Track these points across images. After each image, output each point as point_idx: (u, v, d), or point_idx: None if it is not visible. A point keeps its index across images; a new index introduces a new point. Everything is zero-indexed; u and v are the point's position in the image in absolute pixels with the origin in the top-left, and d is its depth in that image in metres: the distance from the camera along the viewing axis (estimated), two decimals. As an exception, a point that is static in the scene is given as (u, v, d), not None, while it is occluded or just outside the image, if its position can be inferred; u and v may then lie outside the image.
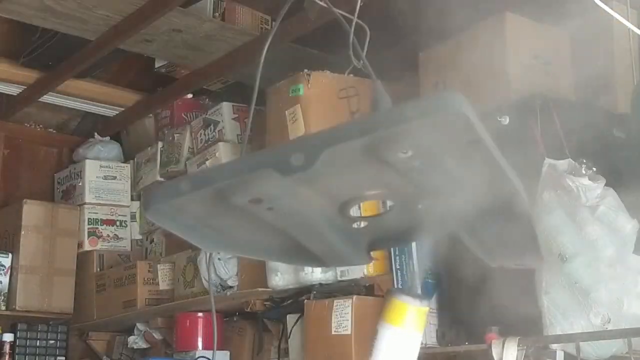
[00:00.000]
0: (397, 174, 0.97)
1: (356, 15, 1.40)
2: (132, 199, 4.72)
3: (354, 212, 1.10)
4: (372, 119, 0.88)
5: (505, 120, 2.65)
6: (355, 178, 1.00)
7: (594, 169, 2.48)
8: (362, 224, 1.15)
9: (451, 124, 0.86)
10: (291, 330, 3.42)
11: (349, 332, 3.02)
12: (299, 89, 3.38)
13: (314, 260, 1.22)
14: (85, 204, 4.61)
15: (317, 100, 3.37)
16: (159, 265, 4.22)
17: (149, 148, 4.62)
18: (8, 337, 4.37)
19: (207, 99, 4.57)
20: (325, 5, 1.44)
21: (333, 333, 3.06)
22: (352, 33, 1.35)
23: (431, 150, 0.92)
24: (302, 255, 1.20)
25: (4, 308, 4.39)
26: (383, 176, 0.99)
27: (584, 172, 2.45)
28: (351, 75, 3.25)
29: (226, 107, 4.16)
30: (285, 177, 0.91)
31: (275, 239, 1.16)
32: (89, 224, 4.58)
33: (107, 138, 4.90)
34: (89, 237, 4.57)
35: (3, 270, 4.37)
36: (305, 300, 3.27)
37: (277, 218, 1.07)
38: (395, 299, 1.20)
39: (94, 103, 4.76)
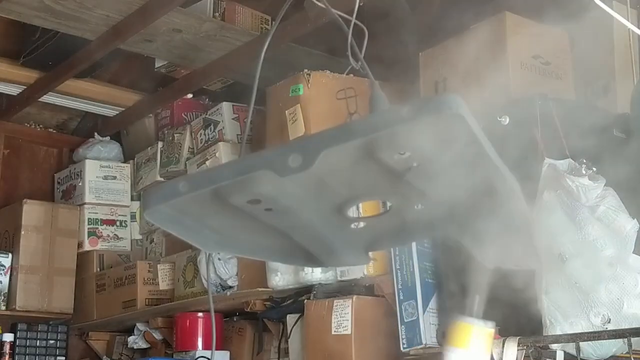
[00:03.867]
0: (395, 175, 0.97)
1: (354, 16, 1.40)
2: (132, 199, 4.73)
3: (352, 212, 1.10)
4: (370, 120, 0.88)
5: (505, 120, 2.65)
6: (352, 179, 0.99)
7: (594, 169, 2.48)
8: (361, 225, 1.15)
9: (448, 126, 0.86)
10: (291, 330, 3.42)
11: (349, 332, 3.02)
12: (299, 89, 3.38)
13: (312, 261, 1.21)
14: (85, 204, 4.62)
15: (317, 100, 3.37)
16: (159, 265, 4.22)
17: (149, 148, 4.62)
18: (8, 337, 4.37)
19: (207, 99, 4.58)
20: (324, 6, 1.43)
21: (333, 333, 3.06)
22: (350, 34, 1.35)
23: (428, 151, 0.92)
24: (300, 255, 1.20)
25: (4, 308, 4.39)
26: (381, 177, 0.98)
27: (584, 172, 2.45)
28: (351, 75, 3.26)
29: (226, 107, 4.16)
30: (283, 178, 0.91)
31: (274, 240, 1.16)
32: (89, 224, 4.59)
33: (107, 138, 4.90)
34: (89, 237, 4.58)
35: (3, 270, 4.38)
36: (305, 300, 3.27)
37: (276, 219, 1.07)
38: (460, 322, 1.17)
39: (94, 103, 4.77)
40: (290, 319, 3.45)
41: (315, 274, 3.30)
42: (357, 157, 0.92)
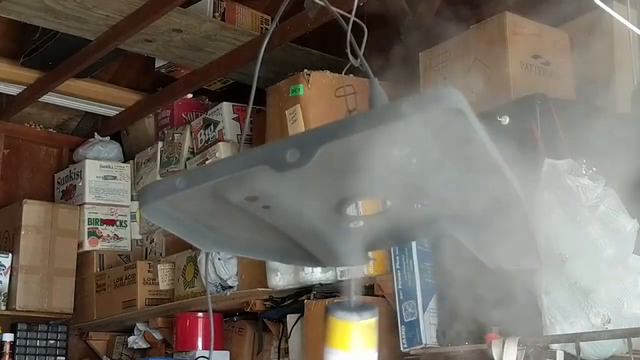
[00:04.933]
0: (394, 172, 0.97)
1: (353, 13, 1.39)
2: (132, 199, 4.73)
3: (350, 211, 1.10)
4: (369, 115, 0.88)
5: (505, 120, 2.65)
6: (351, 176, 0.99)
7: (594, 169, 2.47)
8: (360, 224, 1.14)
9: (447, 121, 0.86)
10: (291, 330, 3.42)
11: (348, 332, 3.01)
12: (299, 89, 3.38)
13: (311, 260, 1.21)
14: (85, 204, 4.62)
15: (317, 100, 3.37)
16: (159, 265, 4.22)
17: (149, 148, 4.63)
18: (8, 337, 4.37)
19: (207, 99, 4.58)
20: (324, 4, 1.43)
21: (333, 333, 3.05)
22: (350, 31, 1.34)
23: (428, 148, 0.91)
24: (299, 255, 1.19)
25: (4, 308, 4.39)
26: (380, 174, 0.98)
27: (584, 172, 2.45)
28: (351, 74, 3.25)
29: (226, 107, 4.16)
30: (281, 174, 0.91)
31: (273, 239, 1.16)
32: (89, 224, 4.59)
33: (107, 138, 4.90)
34: (89, 237, 4.58)
35: (3, 270, 4.38)
36: (305, 300, 3.27)
37: (274, 217, 1.07)
38: (333, 318, 1.06)
39: (94, 103, 4.77)
40: (290, 319, 3.45)
41: (315, 274, 3.30)
42: (355, 153, 0.92)
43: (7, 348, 4.34)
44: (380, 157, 0.92)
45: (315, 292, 3.29)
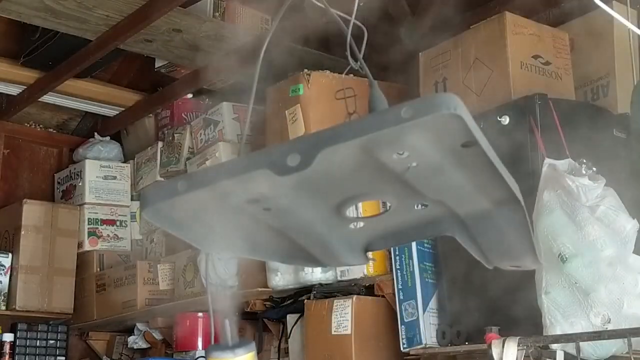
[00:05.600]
0: (394, 175, 0.97)
1: (354, 16, 1.39)
2: (132, 199, 4.73)
3: (350, 212, 1.10)
4: (368, 120, 0.88)
5: (505, 120, 2.65)
6: (351, 179, 0.99)
7: (594, 169, 2.48)
8: (360, 225, 1.15)
9: (446, 126, 0.86)
10: (291, 330, 3.43)
11: (349, 332, 3.02)
12: (299, 89, 3.38)
13: (311, 261, 1.21)
14: (85, 204, 4.62)
15: (317, 100, 3.37)
16: (159, 265, 4.22)
17: (149, 148, 4.63)
18: (8, 337, 4.37)
19: (207, 99, 4.57)
20: (323, 5, 1.43)
21: (333, 333, 3.06)
22: (349, 34, 1.35)
23: (427, 151, 0.92)
24: (299, 255, 1.20)
25: (4, 308, 4.39)
26: (379, 177, 0.98)
27: (584, 172, 2.45)
28: (351, 75, 3.26)
29: (226, 107, 4.16)
30: (282, 177, 0.91)
31: (273, 239, 1.16)
32: (89, 224, 4.59)
33: (107, 138, 4.90)
34: (89, 237, 4.58)
35: (3, 270, 4.38)
36: (305, 300, 3.27)
37: (274, 218, 1.07)
38: (210, 358, 1.13)
39: (94, 103, 4.77)
40: (290, 319, 3.45)
41: (315, 274, 3.30)
42: (355, 157, 0.92)
43: (7, 348, 4.34)
44: (379, 160, 0.93)
45: (315, 292, 3.29)
